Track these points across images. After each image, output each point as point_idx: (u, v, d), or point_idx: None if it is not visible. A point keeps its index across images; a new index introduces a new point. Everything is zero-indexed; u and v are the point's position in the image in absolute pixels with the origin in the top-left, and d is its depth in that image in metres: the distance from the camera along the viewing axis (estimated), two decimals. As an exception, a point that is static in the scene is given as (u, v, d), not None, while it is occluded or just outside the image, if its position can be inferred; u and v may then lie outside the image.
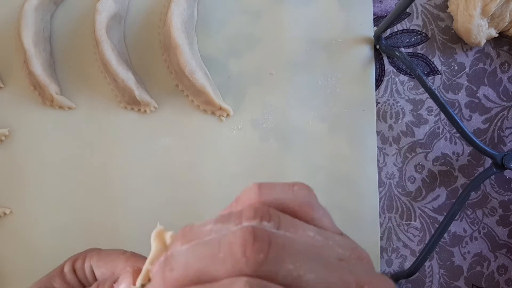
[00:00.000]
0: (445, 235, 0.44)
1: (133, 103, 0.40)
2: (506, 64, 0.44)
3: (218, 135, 0.42)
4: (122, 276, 0.23)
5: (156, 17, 0.41)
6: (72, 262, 0.27)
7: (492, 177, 0.44)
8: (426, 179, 0.44)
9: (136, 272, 0.22)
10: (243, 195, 0.20)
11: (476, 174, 0.44)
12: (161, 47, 0.41)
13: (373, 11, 0.43)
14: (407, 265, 0.44)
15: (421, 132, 0.44)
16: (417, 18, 0.44)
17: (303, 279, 0.16)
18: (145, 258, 0.22)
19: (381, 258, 0.43)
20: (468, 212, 0.44)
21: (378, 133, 0.44)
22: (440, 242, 0.44)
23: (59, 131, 0.41)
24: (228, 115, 0.41)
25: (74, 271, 0.26)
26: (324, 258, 0.18)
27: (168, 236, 0.21)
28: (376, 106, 0.43)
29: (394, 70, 0.44)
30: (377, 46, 0.43)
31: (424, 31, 0.44)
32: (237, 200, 0.20)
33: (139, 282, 0.20)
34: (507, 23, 0.42)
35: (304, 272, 0.17)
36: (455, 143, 0.44)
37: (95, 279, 0.26)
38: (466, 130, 0.39)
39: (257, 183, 0.20)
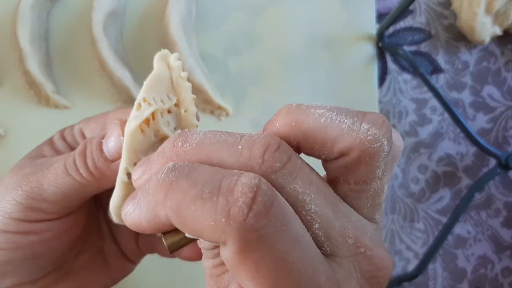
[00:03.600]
0: (449, 237, 0.44)
1: (130, 101, 0.40)
2: (511, 63, 0.44)
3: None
4: (110, 129, 0.22)
5: (154, 14, 0.41)
6: (61, 131, 0.26)
7: (497, 177, 0.44)
8: (429, 180, 0.44)
9: (124, 123, 0.21)
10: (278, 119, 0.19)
11: (480, 175, 0.44)
12: (159, 45, 0.41)
13: (376, 8, 0.43)
14: (410, 267, 0.43)
15: (424, 132, 0.43)
16: (420, 15, 0.44)
17: (306, 207, 0.17)
18: None
19: (383, 260, 0.43)
20: (472, 214, 0.44)
21: (380, 133, 0.43)
22: (443, 244, 0.43)
23: (55, 131, 0.41)
24: (227, 114, 0.41)
25: (63, 138, 0.26)
26: (335, 205, 0.18)
27: (172, 58, 0.20)
28: (379, 105, 0.43)
29: (397, 69, 0.43)
30: (380, 44, 0.43)
31: (427, 28, 0.44)
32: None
33: (133, 112, 0.20)
34: (511, 21, 0.42)
35: (309, 200, 0.17)
36: (459, 143, 0.44)
37: None
38: (470, 130, 0.39)
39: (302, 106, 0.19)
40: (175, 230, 0.17)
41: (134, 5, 0.41)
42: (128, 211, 0.18)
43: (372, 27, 0.42)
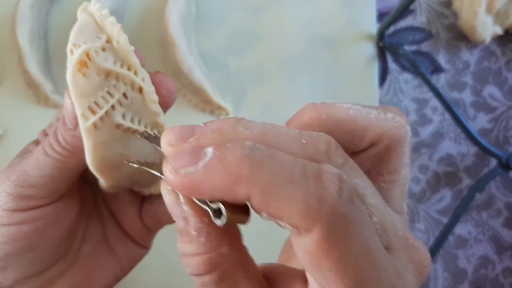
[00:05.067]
0: (449, 237, 0.43)
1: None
2: (511, 63, 0.44)
3: (217, 135, 0.41)
4: (64, 101, 0.22)
5: (154, 14, 0.41)
6: (43, 130, 0.26)
7: (497, 178, 0.44)
8: (430, 180, 0.43)
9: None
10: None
11: (481, 175, 0.43)
12: (158, 44, 0.41)
13: (376, 7, 0.43)
14: (410, 268, 0.43)
15: (425, 132, 0.43)
16: (420, 15, 0.44)
17: (366, 200, 0.17)
18: None
19: (383, 260, 0.43)
20: (473, 214, 0.44)
21: (380, 133, 0.43)
22: (444, 245, 0.43)
23: (55, 131, 0.41)
24: (226, 114, 0.41)
25: (46, 135, 0.26)
26: (382, 199, 0.18)
27: (91, 4, 0.21)
28: (379, 105, 0.43)
29: (398, 68, 0.43)
30: (380, 44, 0.43)
31: (428, 28, 0.44)
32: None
33: (72, 65, 0.20)
34: (512, 21, 0.42)
35: (368, 194, 0.17)
36: (460, 143, 0.44)
37: None
38: (470, 130, 0.39)
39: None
40: (232, 206, 0.16)
41: (134, 4, 0.41)
42: (185, 167, 0.16)
43: (373, 27, 0.42)
